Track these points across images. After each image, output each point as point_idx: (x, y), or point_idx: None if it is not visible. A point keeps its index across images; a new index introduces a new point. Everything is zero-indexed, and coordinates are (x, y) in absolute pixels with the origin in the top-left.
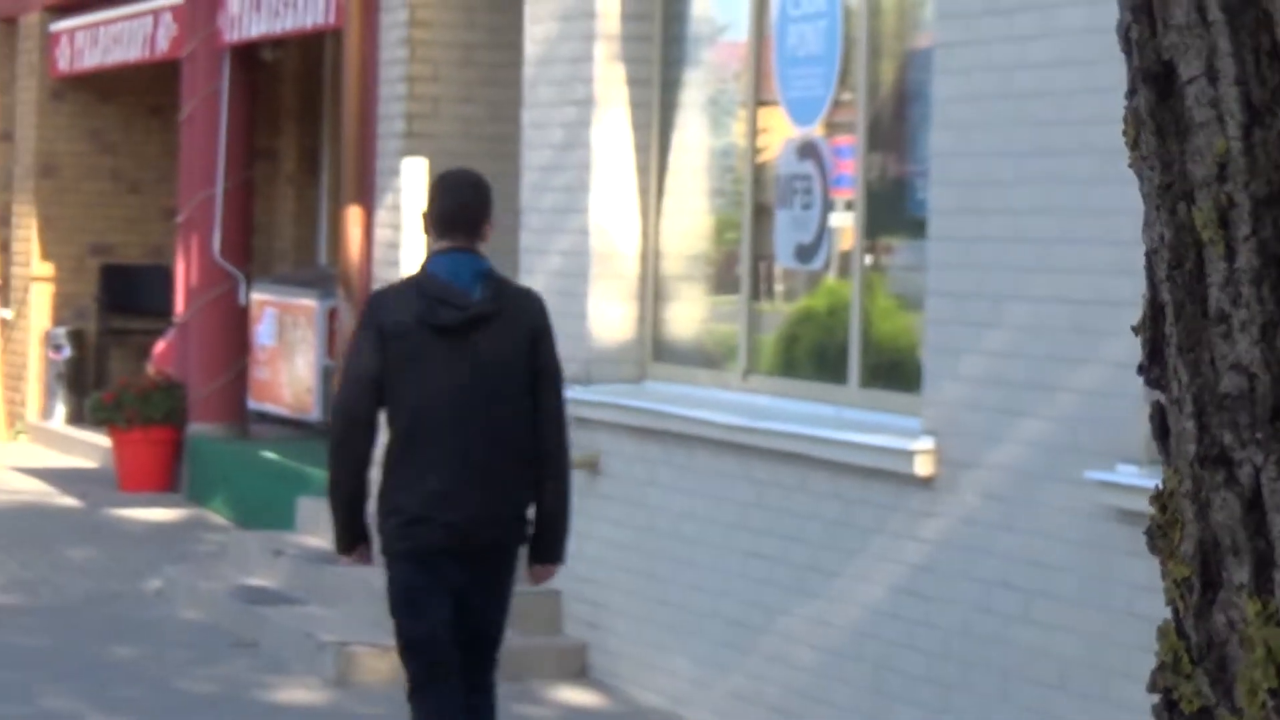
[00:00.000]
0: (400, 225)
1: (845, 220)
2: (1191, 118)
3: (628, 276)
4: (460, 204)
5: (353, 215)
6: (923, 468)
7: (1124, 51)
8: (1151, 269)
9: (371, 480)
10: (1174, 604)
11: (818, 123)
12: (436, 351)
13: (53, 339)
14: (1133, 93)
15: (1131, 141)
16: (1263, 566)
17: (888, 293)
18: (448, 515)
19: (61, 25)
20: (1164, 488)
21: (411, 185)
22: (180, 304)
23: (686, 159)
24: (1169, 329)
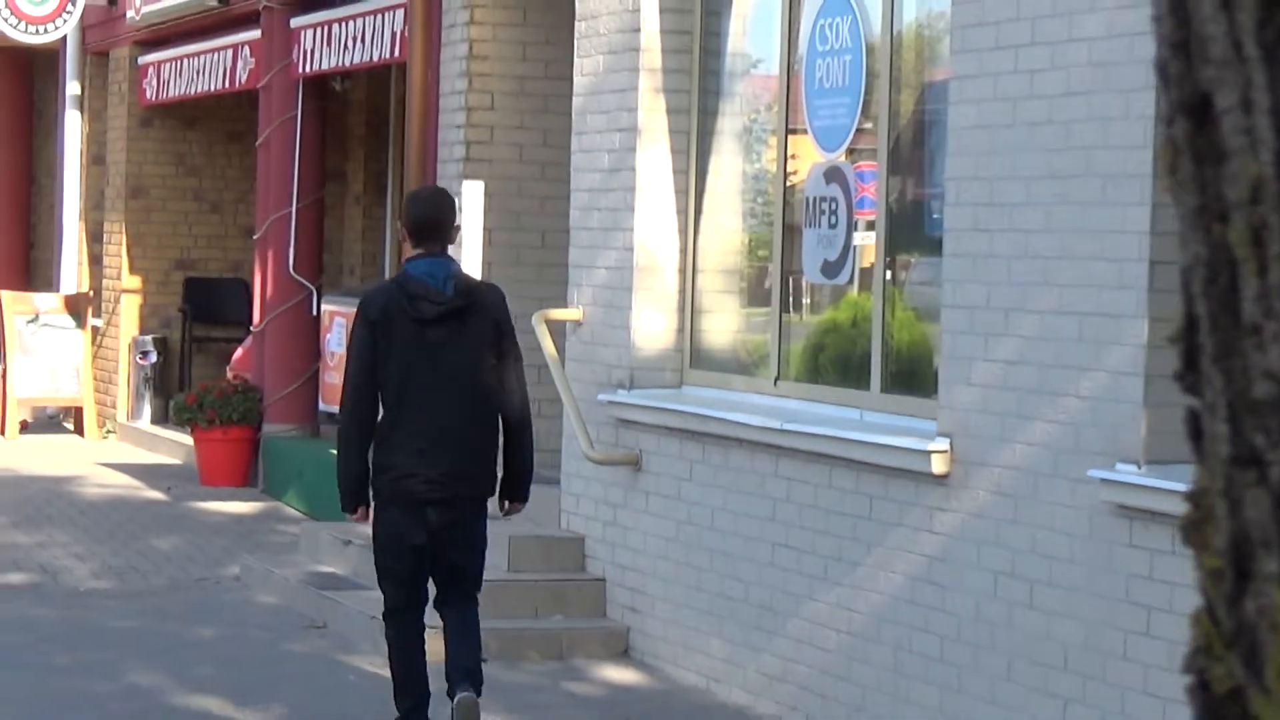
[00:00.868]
0: (460, 243)
1: (868, 239)
2: (1227, 145)
3: (668, 290)
4: (431, 218)
5: None
6: (938, 466)
7: (1161, 84)
8: (1187, 284)
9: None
10: (1207, 593)
11: (843, 149)
12: (417, 339)
13: (140, 346)
14: (1170, 122)
15: (1169, 167)
16: None
17: (906, 305)
18: (429, 471)
19: (149, 58)
20: (1197, 486)
21: (470, 206)
22: (257, 314)
23: (722, 182)
24: (1203, 339)
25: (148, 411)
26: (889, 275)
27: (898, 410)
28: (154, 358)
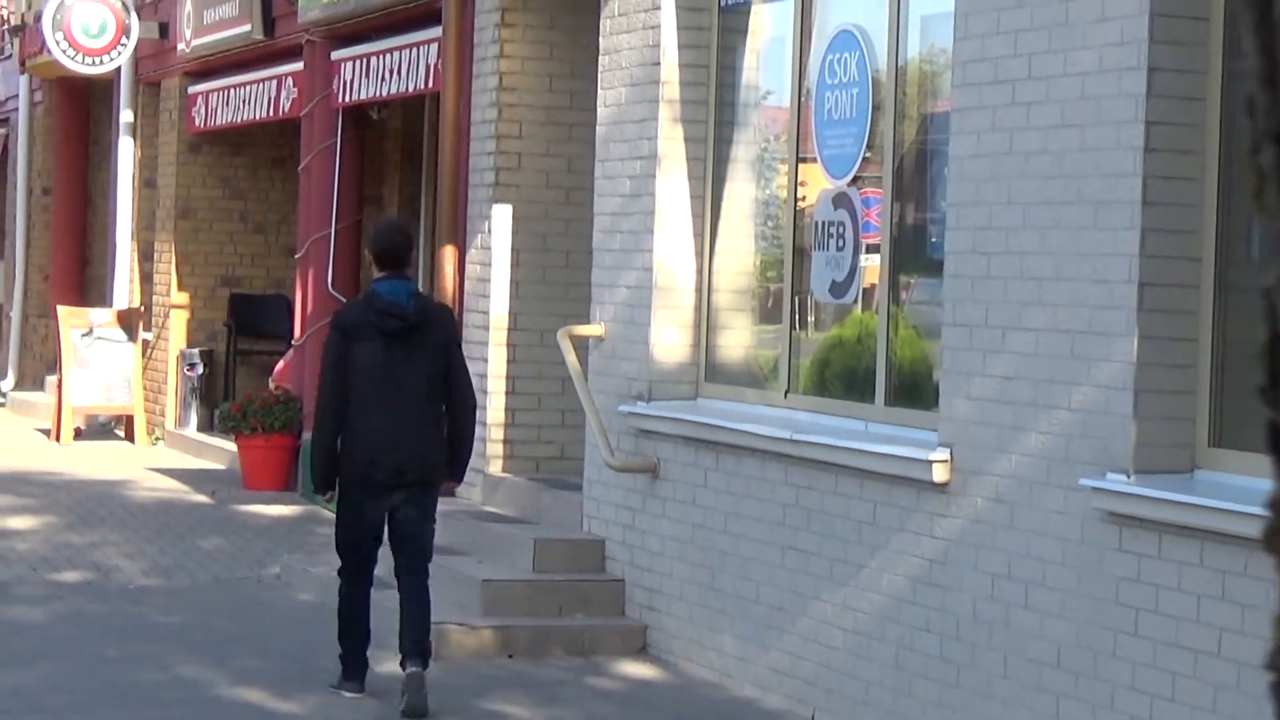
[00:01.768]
0: (489, 263)
1: (873, 261)
2: None
3: (685, 308)
4: (393, 245)
5: (448, 254)
6: (939, 475)
7: (1249, 115)
8: (1271, 304)
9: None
10: None
11: (850, 177)
12: (382, 348)
13: (187, 358)
14: (1257, 150)
15: (1255, 192)
16: None
17: (909, 323)
18: (390, 458)
19: (198, 88)
20: (1277, 495)
21: (499, 228)
22: (298, 329)
23: (736, 207)
24: None
25: (194, 420)
26: (892, 295)
27: (900, 422)
28: (200, 369)
